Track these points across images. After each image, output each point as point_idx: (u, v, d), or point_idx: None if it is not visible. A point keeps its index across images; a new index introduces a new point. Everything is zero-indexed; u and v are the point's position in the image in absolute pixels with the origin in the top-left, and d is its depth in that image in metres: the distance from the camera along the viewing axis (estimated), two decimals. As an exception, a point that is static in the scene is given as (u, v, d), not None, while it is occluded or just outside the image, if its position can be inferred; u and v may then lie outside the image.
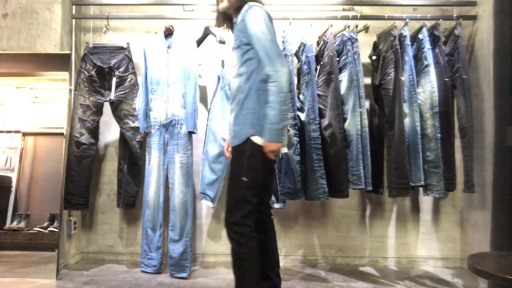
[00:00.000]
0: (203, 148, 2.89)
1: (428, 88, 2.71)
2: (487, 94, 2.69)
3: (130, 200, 2.91)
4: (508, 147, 2.41)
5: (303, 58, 2.75)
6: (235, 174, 1.86)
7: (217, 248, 3.12)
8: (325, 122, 2.70)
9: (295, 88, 2.75)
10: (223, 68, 2.88)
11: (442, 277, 2.83)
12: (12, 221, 2.88)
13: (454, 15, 2.85)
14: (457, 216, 3.09)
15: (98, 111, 2.92)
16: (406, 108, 2.68)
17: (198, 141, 2.96)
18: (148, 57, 2.86)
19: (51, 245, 2.76)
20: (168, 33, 2.86)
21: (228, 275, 2.77)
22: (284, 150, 1.99)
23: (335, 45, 2.74)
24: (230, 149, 1.99)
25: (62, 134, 2.84)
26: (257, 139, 1.82)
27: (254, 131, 1.82)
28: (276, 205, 2.73)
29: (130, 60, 2.90)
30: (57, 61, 2.86)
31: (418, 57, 2.76)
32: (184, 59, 2.79)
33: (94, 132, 2.91)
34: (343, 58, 2.73)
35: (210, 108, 2.90)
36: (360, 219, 3.13)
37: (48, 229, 2.83)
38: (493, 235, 2.51)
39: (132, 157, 2.90)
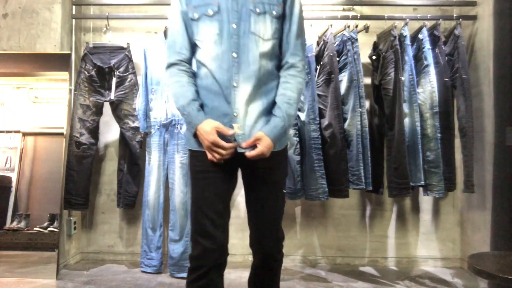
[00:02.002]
0: (203, 148, 2.89)
1: (428, 88, 2.71)
2: (487, 94, 2.69)
3: (130, 200, 2.91)
4: (508, 147, 2.41)
5: (303, 58, 2.75)
6: (281, 185, 1.56)
7: (217, 248, 3.11)
8: (325, 122, 2.69)
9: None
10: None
11: (442, 277, 2.82)
12: (12, 221, 2.87)
13: (454, 15, 2.85)
14: (457, 216, 3.08)
15: (98, 111, 2.92)
16: (406, 108, 2.68)
17: (198, 141, 2.96)
18: (148, 57, 2.86)
19: (51, 245, 2.76)
20: (168, 33, 2.86)
21: (228, 275, 2.76)
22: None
23: (335, 45, 2.74)
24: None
25: (62, 134, 2.84)
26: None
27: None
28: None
29: (130, 60, 2.90)
30: (57, 61, 2.86)
31: (418, 57, 2.76)
32: (184, 59, 2.78)
33: (94, 132, 2.91)
34: (343, 58, 2.73)
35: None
36: (360, 219, 3.13)
37: (48, 229, 2.83)
38: (493, 235, 2.51)
39: (132, 157, 2.90)
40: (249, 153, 1.38)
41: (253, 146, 1.40)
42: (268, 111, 1.47)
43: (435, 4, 3.00)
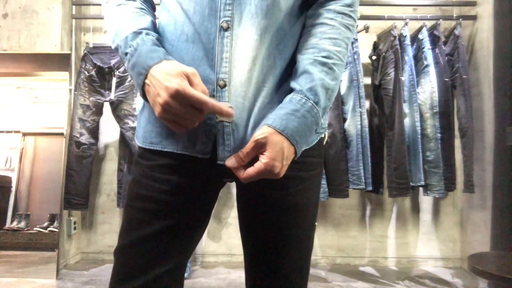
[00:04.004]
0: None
1: (428, 88, 2.71)
2: (487, 94, 2.69)
3: (130, 200, 2.90)
4: (508, 147, 2.41)
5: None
6: (309, 215, 0.87)
7: (217, 248, 3.12)
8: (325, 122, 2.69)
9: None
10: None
11: (442, 277, 2.82)
12: (12, 221, 2.87)
13: (454, 15, 2.85)
14: (457, 216, 3.08)
15: (98, 111, 2.92)
16: (406, 108, 2.68)
17: (198, 141, 2.95)
18: (148, 57, 2.85)
19: (51, 245, 2.76)
20: (168, 33, 2.86)
21: (228, 275, 2.77)
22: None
23: (335, 45, 2.73)
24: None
25: (62, 134, 2.84)
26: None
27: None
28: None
29: (130, 60, 2.90)
30: (57, 61, 2.85)
31: (418, 57, 2.76)
32: (184, 59, 2.79)
33: (94, 132, 2.91)
34: (343, 58, 2.73)
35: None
36: (360, 219, 3.13)
37: (48, 229, 2.83)
38: (493, 235, 2.51)
39: (132, 157, 2.89)
40: (244, 174, 0.73)
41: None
42: (288, 82, 0.79)
43: (435, 4, 3.00)
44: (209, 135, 0.76)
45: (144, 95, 0.75)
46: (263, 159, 0.71)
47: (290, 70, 0.80)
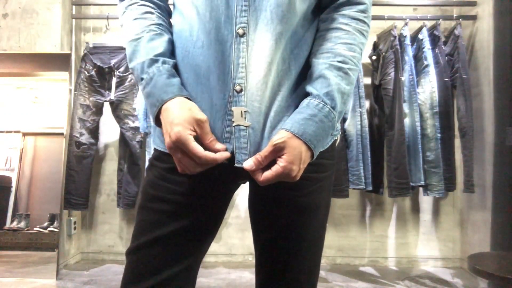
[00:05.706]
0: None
1: (428, 88, 2.71)
2: (487, 94, 2.69)
3: (130, 200, 2.91)
4: (508, 147, 2.41)
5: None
6: (321, 217, 0.88)
7: (217, 248, 3.12)
8: (325, 122, 2.69)
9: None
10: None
11: (442, 277, 2.82)
12: (12, 221, 2.87)
13: (454, 15, 2.85)
14: (457, 216, 3.08)
15: (98, 111, 2.92)
16: (406, 108, 2.68)
17: (198, 141, 2.95)
18: (148, 57, 2.85)
19: (51, 245, 2.76)
20: (168, 33, 2.86)
21: (228, 275, 2.77)
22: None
23: (335, 45, 2.73)
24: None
25: (62, 134, 2.84)
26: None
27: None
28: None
29: (130, 60, 2.90)
30: (57, 61, 2.86)
31: (418, 57, 2.76)
32: (184, 59, 2.78)
33: (94, 132, 2.92)
34: (343, 58, 2.73)
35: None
36: (360, 219, 3.13)
37: (48, 229, 2.83)
38: (493, 235, 2.51)
39: (132, 157, 2.90)
40: (262, 177, 0.74)
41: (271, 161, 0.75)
42: (303, 85, 0.81)
43: (435, 4, 3.00)
44: (229, 138, 0.78)
45: (156, 122, 0.79)
46: (281, 163, 0.73)
47: (304, 74, 0.81)
